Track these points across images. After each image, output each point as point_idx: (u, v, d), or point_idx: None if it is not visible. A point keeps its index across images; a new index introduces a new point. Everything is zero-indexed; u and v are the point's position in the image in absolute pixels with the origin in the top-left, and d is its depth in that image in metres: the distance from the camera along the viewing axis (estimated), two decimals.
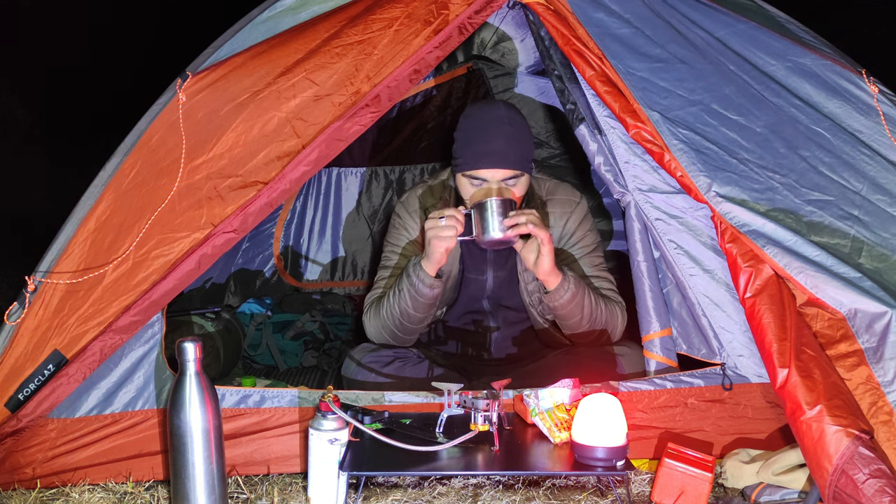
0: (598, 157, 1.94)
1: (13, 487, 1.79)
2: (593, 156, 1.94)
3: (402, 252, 2.29)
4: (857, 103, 1.96)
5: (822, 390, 1.60)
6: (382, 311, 2.17)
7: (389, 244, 2.33)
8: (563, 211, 2.26)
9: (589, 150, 1.95)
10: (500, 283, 2.29)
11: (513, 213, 1.99)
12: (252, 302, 3.08)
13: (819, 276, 1.72)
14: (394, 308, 2.13)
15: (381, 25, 1.88)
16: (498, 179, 2.10)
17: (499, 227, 1.99)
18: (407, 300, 2.10)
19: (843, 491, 1.52)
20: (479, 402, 1.72)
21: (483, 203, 2.00)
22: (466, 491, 1.78)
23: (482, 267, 2.29)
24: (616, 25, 1.94)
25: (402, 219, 2.32)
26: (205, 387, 1.56)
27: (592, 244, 2.28)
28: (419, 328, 2.19)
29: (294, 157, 1.82)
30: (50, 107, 5.93)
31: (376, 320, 2.20)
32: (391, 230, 2.34)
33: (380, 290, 2.25)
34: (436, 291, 2.09)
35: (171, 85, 1.91)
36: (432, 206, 2.27)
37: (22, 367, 1.76)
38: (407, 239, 2.30)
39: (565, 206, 2.27)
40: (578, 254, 2.25)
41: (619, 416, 1.65)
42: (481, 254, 2.27)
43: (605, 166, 1.93)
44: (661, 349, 1.94)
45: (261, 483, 1.83)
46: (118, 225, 1.82)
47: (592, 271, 2.24)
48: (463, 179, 2.15)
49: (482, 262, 2.28)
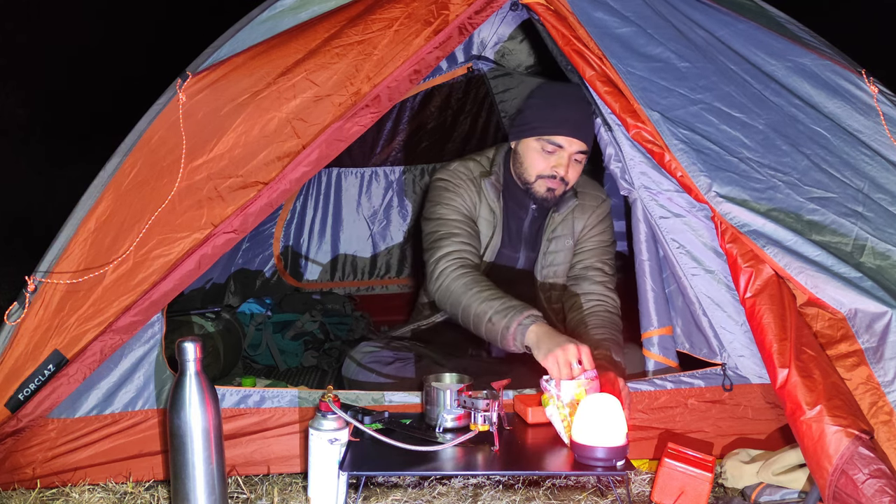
0: (609, 149, 1.98)
1: (13, 487, 1.78)
2: (605, 147, 1.99)
3: (460, 210, 2.25)
4: (857, 103, 1.96)
5: (822, 390, 1.60)
6: (466, 297, 2.04)
7: (443, 205, 2.26)
8: (591, 204, 2.37)
9: (601, 141, 2.00)
10: (529, 262, 2.36)
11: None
12: (252, 302, 3.07)
13: (819, 275, 1.72)
14: (475, 310, 2.02)
15: (381, 26, 1.88)
16: (571, 151, 2.15)
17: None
18: (484, 327, 2.00)
19: (843, 491, 1.52)
20: (479, 402, 1.72)
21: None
22: (466, 491, 1.78)
23: (517, 245, 2.35)
24: (616, 25, 1.95)
25: (453, 182, 2.28)
26: (205, 387, 1.56)
27: (608, 241, 2.38)
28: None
29: (294, 157, 1.81)
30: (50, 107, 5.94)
31: (456, 291, 2.07)
32: (442, 193, 2.27)
33: (462, 250, 2.16)
34: (515, 350, 1.97)
35: (172, 85, 1.91)
36: (483, 176, 2.29)
37: (22, 367, 1.76)
38: (459, 202, 2.26)
39: (594, 200, 2.38)
40: (594, 245, 2.34)
41: (619, 416, 1.65)
42: (518, 231, 2.33)
43: (615, 160, 1.96)
44: (660, 348, 1.94)
45: (261, 483, 1.83)
46: (118, 225, 1.82)
47: (600, 263, 2.32)
48: (534, 145, 2.18)
49: (518, 240, 2.34)
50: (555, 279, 2.33)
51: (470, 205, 2.28)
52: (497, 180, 2.30)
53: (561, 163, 2.16)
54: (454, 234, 2.20)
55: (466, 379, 1.87)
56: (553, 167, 2.17)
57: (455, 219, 2.24)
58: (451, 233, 2.21)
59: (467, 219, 2.26)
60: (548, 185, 2.19)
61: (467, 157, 2.38)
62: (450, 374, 1.92)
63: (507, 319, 1.93)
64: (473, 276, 2.09)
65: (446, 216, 2.25)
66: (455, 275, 2.10)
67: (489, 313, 1.97)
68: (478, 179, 2.30)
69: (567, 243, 2.34)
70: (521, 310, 1.94)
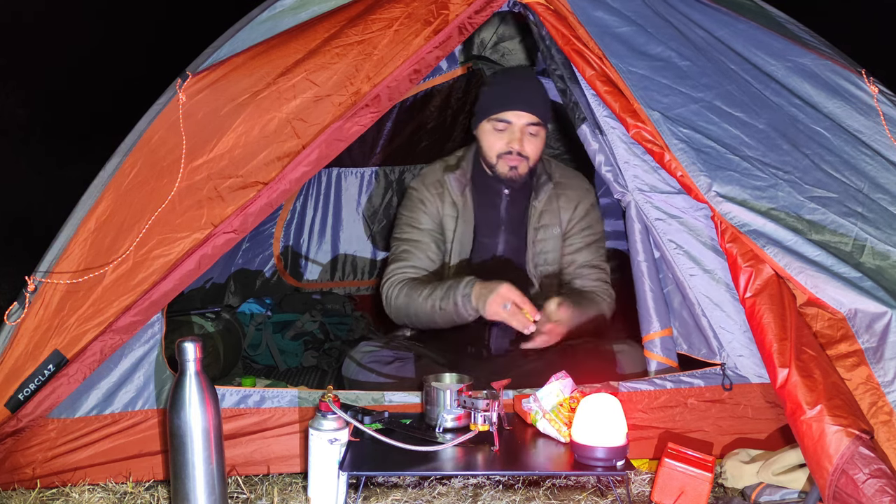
0: (598, 157, 1.95)
1: (13, 487, 1.78)
2: (594, 155, 1.95)
3: (416, 226, 2.38)
4: (857, 103, 1.96)
5: (822, 390, 1.60)
6: (412, 306, 2.24)
7: (404, 216, 2.43)
8: (574, 194, 2.40)
9: (590, 149, 1.96)
10: (511, 248, 2.39)
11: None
12: (252, 302, 3.07)
13: (819, 275, 1.72)
14: (424, 310, 2.21)
15: (381, 25, 1.88)
16: (521, 124, 2.22)
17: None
18: (439, 317, 2.19)
19: (843, 491, 1.52)
20: (479, 402, 1.72)
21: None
22: (466, 491, 1.78)
23: (496, 231, 2.39)
24: (616, 24, 1.94)
25: (418, 191, 2.42)
26: (205, 387, 1.56)
27: (598, 233, 2.42)
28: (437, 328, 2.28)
29: (294, 157, 1.81)
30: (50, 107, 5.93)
31: (402, 306, 2.27)
32: (406, 202, 2.44)
33: (403, 267, 2.33)
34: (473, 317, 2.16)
35: (171, 85, 1.91)
36: (446, 171, 2.40)
37: (22, 367, 1.76)
38: (423, 212, 2.39)
39: (577, 190, 2.41)
40: (584, 240, 2.38)
41: (619, 416, 1.65)
42: (495, 217, 2.38)
43: (606, 166, 1.94)
44: (662, 349, 1.94)
45: (261, 483, 1.83)
46: (118, 225, 1.82)
47: (595, 260, 2.37)
48: (487, 127, 2.28)
49: (496, 226, 2.38)
50: (545, 266, 2.38)
51: (432, 212, 2.39)
52: (463, 174, 2.40)
53: (514, 137, 2.25)
54: (399, 256, 2.37)
55: (466, 379, 1.88)
56: (508, 143, 2.26)
57: (407, 238, 2.39)
58: (396, 256, 2.38)
59: (426, 230, 2.38)
60: (509, 164, 2.28)
61: (439, 161, 2.49)
62: (450, 374, 1.92)
63: (451, 299, 2.13)
64: (410, 285, 2.26)
65: (400, 236, 2.41)
66: (395, 293, 2.29)
67: (436, 304, 2.17)
68: (441, 178, 2.39)
69: (555, 231, 2.38)
70: (457, 283, 2.14)
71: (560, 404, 1.76)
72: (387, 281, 2.34)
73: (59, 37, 5.75)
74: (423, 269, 2.36)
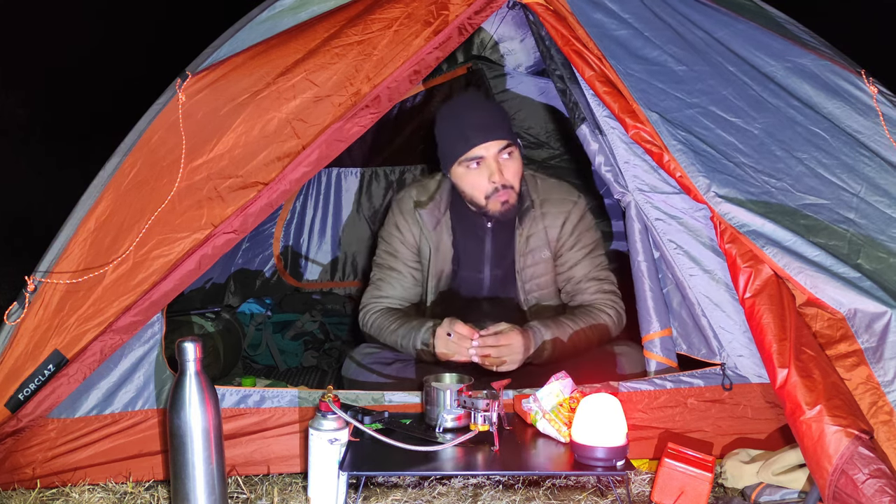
0: (598, 157, 1.94)
1: (13, 487, 1.79)
2: (594, 155, 1.95)
3: (393, 253, 2.33)
4: (857, 104, 1.96)
5: (821, 390, 1.60)
6: (382, 337, 2.23)
7: (383, 241, 2.37)
8: (559, 211, 2.27)
9: (590, 149, 1.95)
10: (497, 281, 2.31)
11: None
12: (252, 302, 3.08)
13: (818, 276, 1.72)
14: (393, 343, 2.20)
15: (380, 26, 1.88)
16: (493, 154, 2.12)
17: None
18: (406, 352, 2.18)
19: (843, 491, 1.52)
20: (479, 402, 1.72)
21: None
22: (466, 491, 1.78)
23: (479, 265, 2.31)
24: (615, 26, 1.94)
25: (395, 217, 2.34)
26: (205, 387, 1.56)
27: (592, 243, 2.29)
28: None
29: (294, 157, 1.82)
30: (50, 107, 5.93)
31: (375, 335, 2.26)
32: (386, 224, 2.37)
33: (378, 297, 2.31)
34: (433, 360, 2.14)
35: (171, 85, 1.91)
36: (417, 207, 2.30)
37: (22, 367, 1.76)
38: (398, 239, 2.33)
39: (562, 205, 2.27)
40: (579, 255, 2.26)
41: (619, 416, 1.65)
42: (478, 251, 2.30)
43: (606, 166, 1.93)
44: (662, 349, 1.94)
45: (261, 483, 1.83)
46: (118, 225, 1.82)
47: (594, 272, 2.26)
48: (460, 170, 2.18)
49: (479, 260, 2.30)
50: (539, 291, 2.28)
51: (409, 240, 2.33)
52: (436, 207, 2.29)
53: (492, 170, 2.13)
54: (377, 285, 2.33)
55: (466, 379, 1.88)
56: (490, 179, 2.13)
57: (383, 264, 2.34)
58: (373, 283, 2.35)
59: (401, 259, 2.32)
60: (500, 201, 2.16)
61: (418, 182, 2.40)
62: (450, 374, 1.92)
63: (410, 343, 2.13)
64: (383, 315, 2.25)
65: (378, 260, 2.37)
66: (369, 322, 2.28)
67: (398, 342, 2.17)
68: (412, 211, 2.30)
69: (544, 255, 2.27)
70: (419, 328, 2.12)
71: (560, 404, 1.76)
72: (362, 308, 2.32)
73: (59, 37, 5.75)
74: (397, 298, 2.31)
